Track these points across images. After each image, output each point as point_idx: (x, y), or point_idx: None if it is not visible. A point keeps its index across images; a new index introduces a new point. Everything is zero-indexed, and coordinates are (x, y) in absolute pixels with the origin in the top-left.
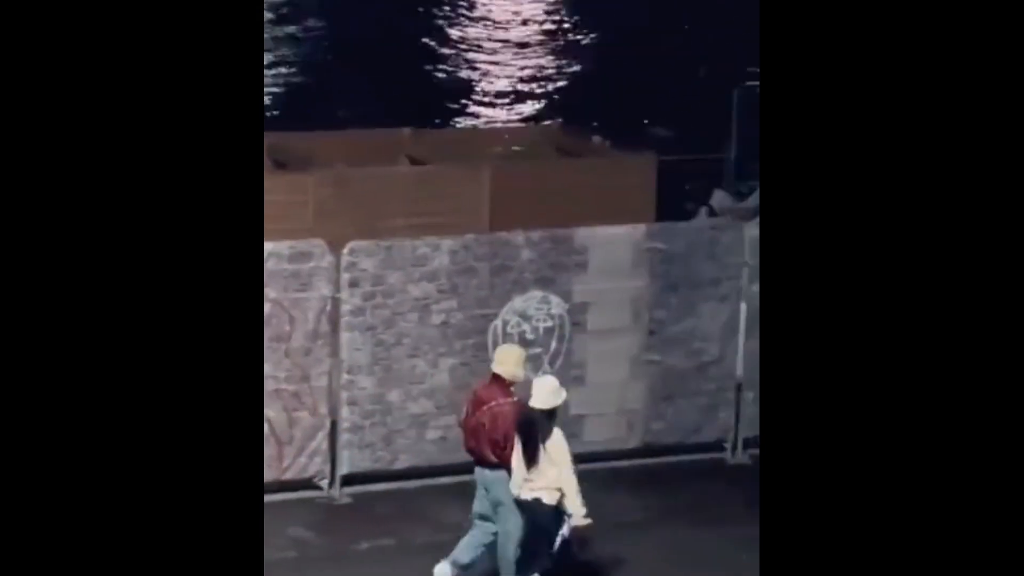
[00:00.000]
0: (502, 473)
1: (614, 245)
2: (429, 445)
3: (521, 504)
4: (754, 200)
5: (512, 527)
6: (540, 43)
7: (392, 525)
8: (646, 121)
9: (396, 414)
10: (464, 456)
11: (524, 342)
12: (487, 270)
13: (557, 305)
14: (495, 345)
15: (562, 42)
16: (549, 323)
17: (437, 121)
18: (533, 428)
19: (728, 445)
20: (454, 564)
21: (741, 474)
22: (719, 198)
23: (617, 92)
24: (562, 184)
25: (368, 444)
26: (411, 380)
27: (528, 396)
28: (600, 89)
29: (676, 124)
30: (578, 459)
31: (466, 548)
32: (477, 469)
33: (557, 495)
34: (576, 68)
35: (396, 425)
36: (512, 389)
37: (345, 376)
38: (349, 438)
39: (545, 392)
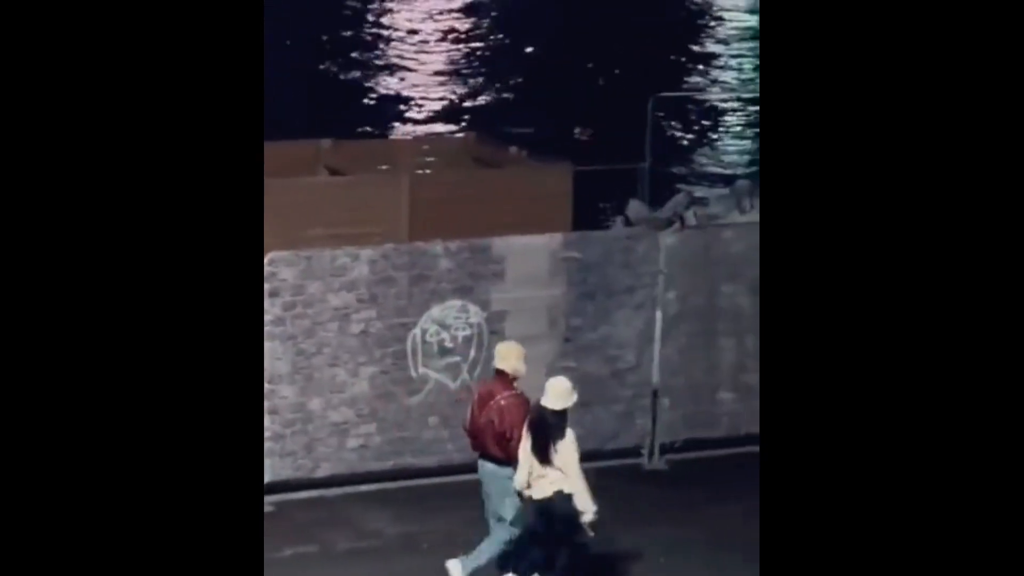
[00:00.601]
0: (506, 470)
1: (531, 254)
2: (350, 453)
3: (541, 501)
4: (669, 210)
5: (509, 529)
6: (459, 54)
7: (314, 532)
8: (577, 130)
9: (317, 422)
10: (384, 463)
11: (443, 350)
12: (406, 279)
13: (475, 314)
14: (414, 354)
15: (480, 52)
16: (468, 331)
17: (359, 131)
18: (545, 426)
19: (645, 451)
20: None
21: (658, 479)
22: (635, 208)
23: (533, 102)
24: (480, 194)
25: (290, 452)
26: (332, 389)
27: (540, 396)
28: (517, 99)
29: (593, 133)
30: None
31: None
32: (480, 464)
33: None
34: (494, 77)
35: (317, 433)
36: (516, 384)
37: (267, 385)
38: (271, 447)
39: (558, 392)
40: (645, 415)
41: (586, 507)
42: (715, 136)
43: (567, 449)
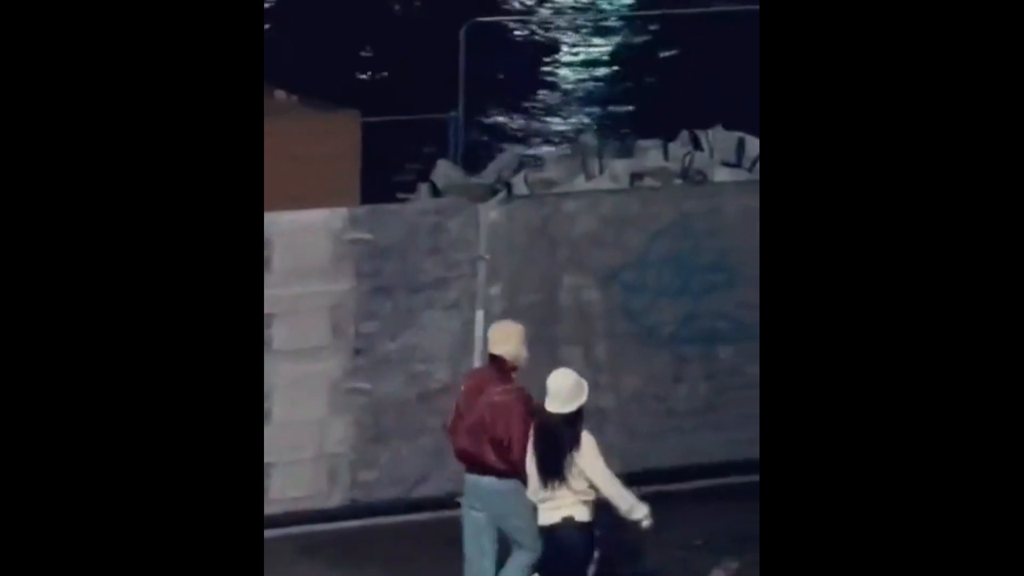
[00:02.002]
0: (511, 483)
1: (305, 236)
2: None
3: (546, 529)
4: (492, 175)
5: (531, 552)
6: None
7: None
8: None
9: None
10: None
11: None
12: None
13: None
14: None
15: None
16: None
17: None
18: (554, 437)
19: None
20: None
21: None
22: (444, 171)
23: (305, 32)
24: None
25: None
26: None
27: (543, 398)
28: (281, 27)
29: (389, 76)
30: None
31: None
32: (470, 479)
33: (589, 509)
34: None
35: None
36: (515, 376)
37: None
38: None
39: (564, 391)
40: None
41: (634, 510)
42: (553, 76)
43: (588, 458)
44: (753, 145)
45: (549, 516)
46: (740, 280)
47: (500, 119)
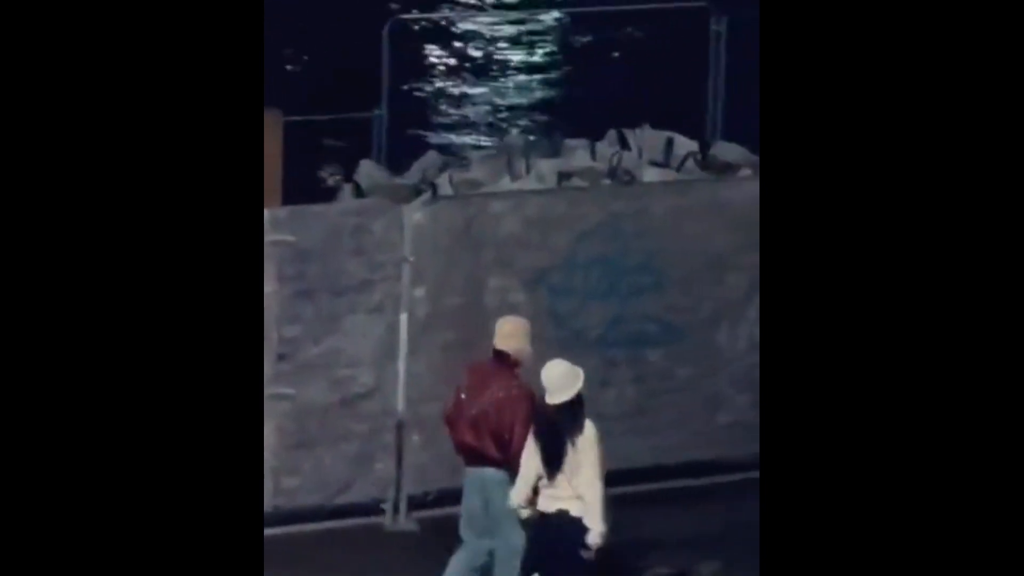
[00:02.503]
0: (506, 475)
1: None
2: None
3: (543, 516)
4: (416, 175)
5: (519, 540)
6: None
7: None
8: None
9: None
10: None
11: None
12: None
13: None
14: None
15: None
16: None
17: None
18: (555, 429)
19: (387, 506)
20: None
21: (405, 544)
22: (368, 171)
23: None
24: None
25: None
26: None
27: (541, 391)
28: None
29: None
30: None
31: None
32: (472, 472)
33: (582, 505)
34: None
35: None
36: (519, 371)
37: None
38: None
39: (556, 382)
40: (388, 457)
41: (594, 524)
42: (479, 74)
43: (585, 449)
44: (681, 144)
45: (546, 505)
46: (668, 282)
47: (425, 118)
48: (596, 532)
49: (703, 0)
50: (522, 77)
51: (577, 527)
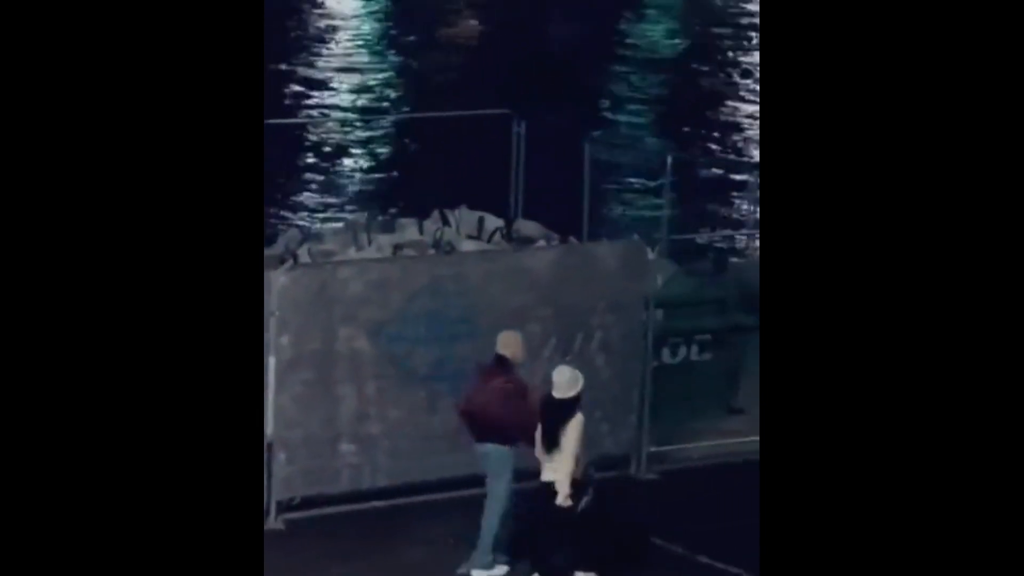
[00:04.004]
0: (504, 449)
1: None
2: None
3: (545, 483)
4: (281, 246)
5: (503, 493)
6: None
7: None
8: None
9: None
10: None
11: None
12: None
13: None
14: None
15: None
16: None
17: None
18: (551, 415)
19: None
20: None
21: (275, 541)
22: None
23: None
24: None
25: None
26: None
27: (548, 387)
28: None
29: None
30: None
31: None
32: (479, 447)
33: (580, 470)
34: None
35: None
36: (515, 370)
37: None
38: None
39: (561, 382)
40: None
41: (561, 491)
42: (330, 166)
43: (571, 431)
44: (491, 221)
45: (548, 475)
46: (481, 330)
47: (288, 200)
48: (562, 495)
49: (506, 109)
50: (366, 171)
51: (574, 487)
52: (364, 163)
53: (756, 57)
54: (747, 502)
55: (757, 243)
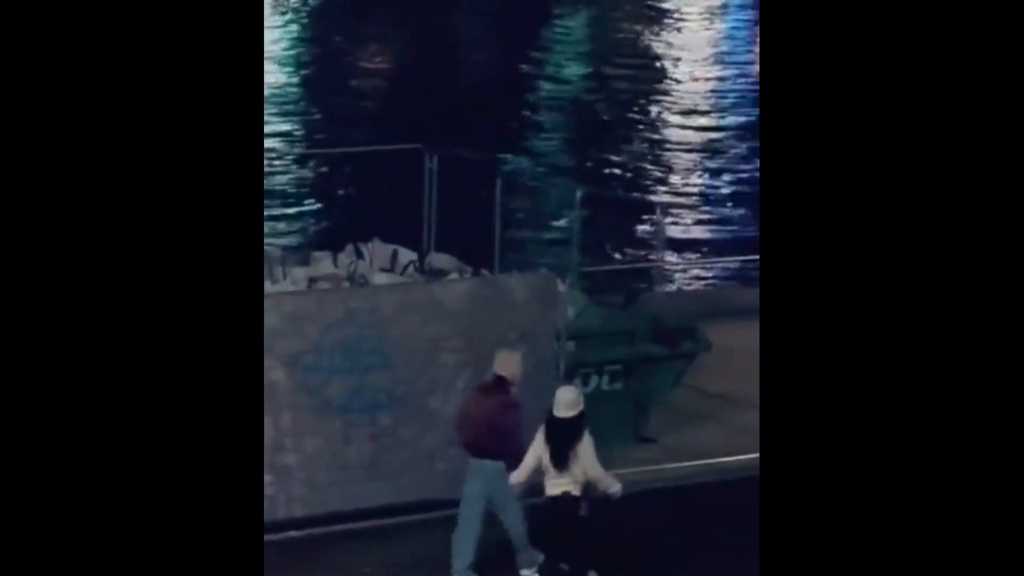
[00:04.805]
0: (500, 465)
1: None
2: None
3: (551, 498)
4: None
5: (519, 509)
6: None
7: None
8: None
9: None
10: None
11: None
12: None
13: None
14: None
15: None
16: None
17: None
18: (559, 436)
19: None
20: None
21: None
22: None
23: None
24: None
25: None
26: None
27: (551, 406)
28: None
29: None
30: None
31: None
32: (476, 463)
33: (580, 487)
34: None
35: None
36: (513, 388)
37: None
38: None
39: (565, 402)
40: None
41: (611, 485)
42: None
43: (585, 450)
44: (404, 255)
45: (553, 489)
46: (395, 361)
47: None
48: (614, 488)
49: (418, 144)
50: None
51: (576, 503)
52: (279, 197)
53: (663, 86)
54: (661, 529)
55: (667, 272)
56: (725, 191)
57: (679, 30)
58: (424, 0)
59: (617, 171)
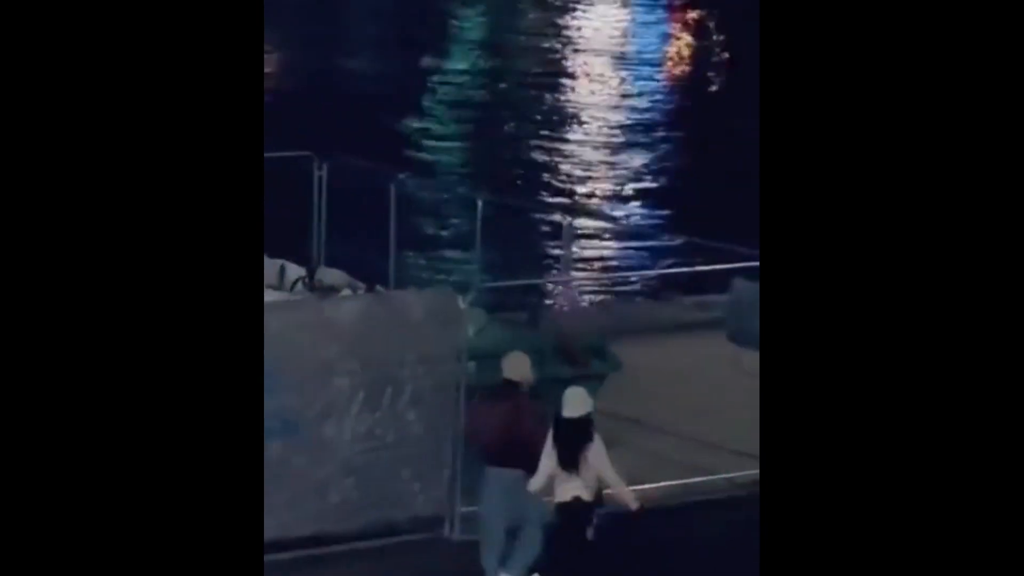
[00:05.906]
0: (519, 473)
1: None
2: None
3: (561, 503)
4: None
5: (542, 515)
6: None
7: None
8: None
9: None
10: None
11: None
12: None
13: None
14: None
15: None
16: None
17: None
18: (568, 436)
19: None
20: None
21: None
22: None
23: None
24: None
25: None
26: None
27: (559, 408)
28: None
29: None
30: None
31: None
32: (492, 471)
33: (591, 492)
34: None
35: None
36: (525, 392)
37: None
38: None
39: (573, 402)
40: None
41: (628, 499)
42: None
43: (597, 453)
44: (292, 270)
45: (563, 494)
46: (284, 385)
47: None
48: (631, 499)
49: (308, 151)
50: None
51: (587, 508)
52: None
53: (564, 95)
54: (575, 558)
55: (573, 287)
56: (630, 193)
57: (580, 20)
58: (314, 2)
59: (520, 179)
